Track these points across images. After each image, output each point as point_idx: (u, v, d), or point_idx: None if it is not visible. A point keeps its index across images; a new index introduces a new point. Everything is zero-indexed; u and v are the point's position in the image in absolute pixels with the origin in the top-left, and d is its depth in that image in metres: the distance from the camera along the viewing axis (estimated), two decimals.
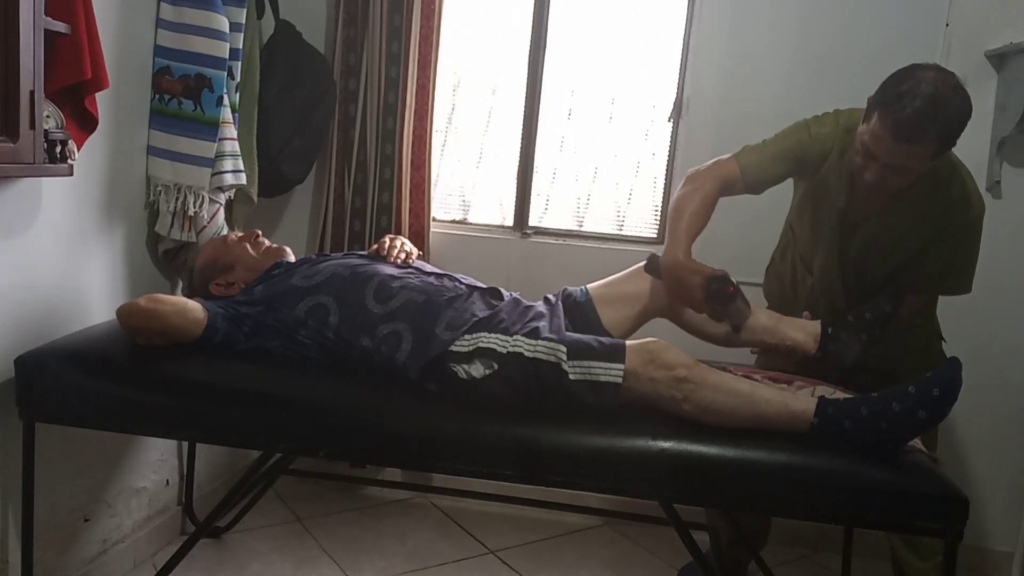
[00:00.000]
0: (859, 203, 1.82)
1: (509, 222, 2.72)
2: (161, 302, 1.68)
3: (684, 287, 1.79)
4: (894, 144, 1.60)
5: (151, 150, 2.05)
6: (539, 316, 1.73)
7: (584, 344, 1.61)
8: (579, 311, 1.87)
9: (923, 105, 1.56)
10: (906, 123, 1.57)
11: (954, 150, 1.72)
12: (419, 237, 2.57)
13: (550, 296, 1.88)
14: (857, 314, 1.75)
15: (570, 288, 1.92)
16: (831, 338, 1.74)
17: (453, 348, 1.63)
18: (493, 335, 1.64)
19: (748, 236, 2.40)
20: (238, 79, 2.17)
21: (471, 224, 2.74)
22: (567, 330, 1.70)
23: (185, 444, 2.35)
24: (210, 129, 2.03)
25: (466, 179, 2.75)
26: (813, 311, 2.00)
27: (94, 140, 1.80)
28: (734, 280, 1.78)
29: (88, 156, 1.81)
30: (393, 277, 1.78)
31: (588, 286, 1.92)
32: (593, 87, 2.67)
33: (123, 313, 1.67)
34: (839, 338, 1.74)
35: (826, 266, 1.94)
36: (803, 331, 1.77)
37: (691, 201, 1.86)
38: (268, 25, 2.42)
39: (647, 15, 2.63)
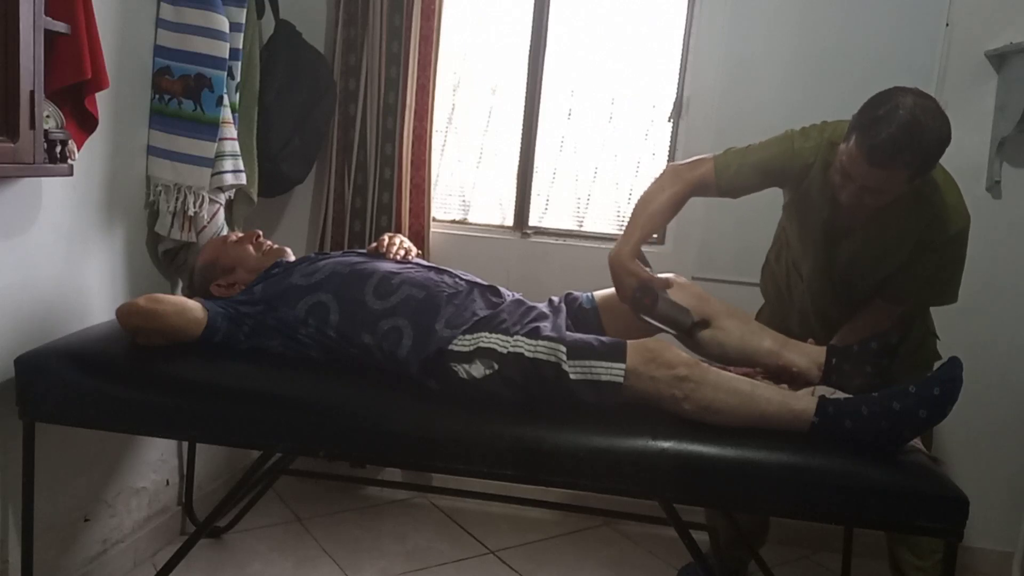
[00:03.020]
0: (843, 217, 1.81)
1: (509, 222, 2.72)
2: (161, 302, 1.68)
3: (619, 286, 1.81)
4: (869, 168, 1.60)
5: (151, 150, 2.05)
6: (541, 316, 1.73)
7: (585, 344, 1.61)
8: (584, 318, 1.86)
9: (897, 131, 1.55)
10: (880, 149, 1.56)
11: (953, 153, 1.71)
12: (419, 237, 2.57)
13: (554, 298, 1.88)
14: (863, 344, 1.72)
15: (576, 293, 1.91)
16: (835, 369, 1.72)
17: (454, 347, 1.63)
18: (494, 335, 1.64)
19: (747, 236, 2.40)
20: (238, 79, 2.17)
21: (471, 224, 2.74)
22: (569, 331, 1.70)
23: (185, 444, 2.35)
24: (210, 129, 2.03)
25: (466, 179, 2.75)
26: (805, 316, 2.00)
27: (94, 140, 1.80)
28: (667, 294, 1.78)
29: (88, 156, 1.81)
30: (393, 273, 1.78)
31: (595, 294, 1.91)
32: (593, 87, 2.67)
33: (123, 313, 1.68)
34: (843, 369, 1.71)
35: (815, 275, 1.93)
36: (807, 358, 1.75)
37: (656, 199, 1.87)
38: (268, 25, 2.42)
39: (647, 15, 2.63)
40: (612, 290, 1.91)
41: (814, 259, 1.91)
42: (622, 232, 1.87)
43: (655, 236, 2.67)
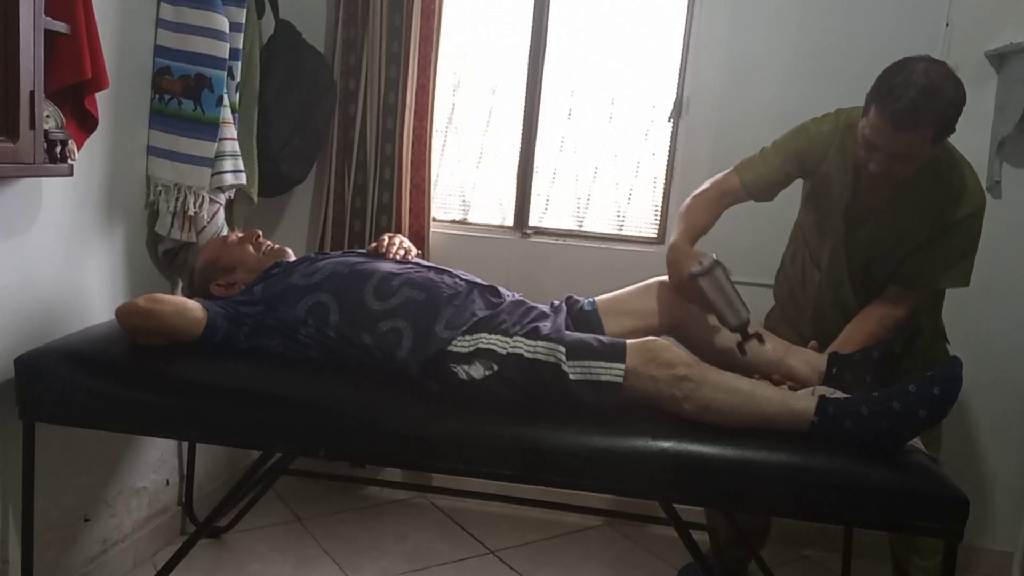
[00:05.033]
0: (862, 198, 1.84)
1: (509, 222, 2.72)
2: (160, 302, 1.68)
3: (678, 266, 1.82)
4: (894, 133, 1.64)
5: (151, 150, 2.05)
6: (540, 316, 1.73)
7: (584, 344, 1.61)
8: (585, 321, 1.85)
9: (917, 94, 1.60)
10: (903, 112, 1.61)
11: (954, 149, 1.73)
12: (419, 237, 2.57)
13: (555, 301, 1.88)
14: (865, 353, 1.73)
15: (577, 297, 1.91)
16: (835, 377, 1.72)
17: (453, 348, 1.63)
18: (493, 336, 1.64)
19: (748, 236, 2.40)
20: (238, 79, 2.17)
21: (471, 224, 2.74)
22: (568, 331, 1.69)
23: (185, 444, 2.35)
24: (210, 129, 2.03)
25: (466, 179, 2.75)
26: (820, 312, 2.00)
27: (94, 140, 1.80)
28: (730, 273, 1.77)
29: (88, 156, 1.81)
30: (393, 274, 1.78)
31: (596, 298, 1.91)
32: (593, 87, 2.67)
33: (122, 313, 1.67)
34: (843, 378, 1.71)
35: (833, 261, 1.94)
36: (808, 366, 1.76)
37: (693, 203, 1.96)
38: (268, 25, 2.42)
39: (647, 15, 2.62)
40: (613, 295, 1.91)
41: (833, 246, 1.93)
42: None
43: (652, 236, 2.68)
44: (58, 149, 1.61)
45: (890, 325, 1.82)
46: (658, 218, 2.68)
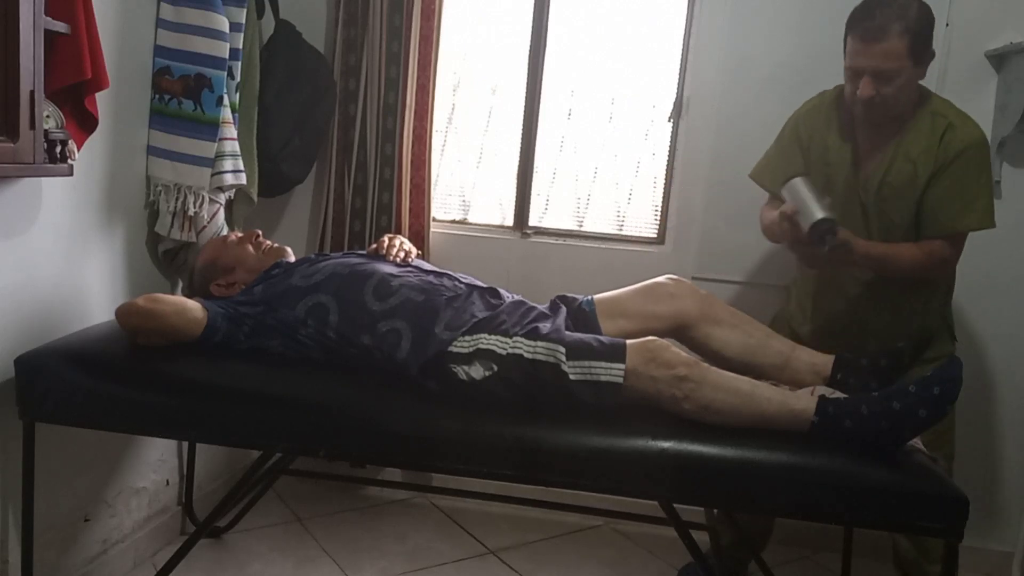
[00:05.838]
0: (864, 148, 1.91)
1: (509, 222, 2.72)
2: (160, 302, 1.68)
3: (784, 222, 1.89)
4: (867, 48, 1.77)
5: (151, 150, 2.05)
6: (540, 317, 1.73)
7: (584, 344, 1.61)
8: (583, 320, 1.85)
9: (882, 9, 1.76)
10: (873, 24, 1.76)
11: None
12: (419, 237, 2.57)
13: (552, 297, 1.88)
14: (873, 359, 1.72)
15: (575, 296, 1.91)
16: (839, 383, 1.72)
17: (453, 349, 1.63)
18: (493, 336, 1.64)
19: (746, 236, 2.40)
20: (238, 79, 2.17)
21: (471, 224, 2.73)
22: (568, 330, 1.69)
23: (185, 444, 2.35)
24: (210, 129, 2.03)
25: (466, 179, 2.75)
26: (823, 289, 2.05)
27: (94, 140, 1.80)
28: (808, 182, 1.85)
29: (88, 156, 1.81)
30: (392, 275, 1.78)
31: (594, 297, 1.90)
32: (593, 87, 2.67)
33: (122, 313, 1.68)
34: (847, 383, 1.71)
35: (847, 205, 1.96)
36: (812, 371, 1.76)
37: (766, 213, 2.09)
38: (268, 25, 2.42)
39: (647, 15, 2.62)
40: (612, 294, 1.91)
41: (845, 202, 1.94)
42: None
43: (652, 236, 2.68)
44: (58, 149, 1.61)
45: (933, 254, 1.87)
46: (658, 218, 2.67)
